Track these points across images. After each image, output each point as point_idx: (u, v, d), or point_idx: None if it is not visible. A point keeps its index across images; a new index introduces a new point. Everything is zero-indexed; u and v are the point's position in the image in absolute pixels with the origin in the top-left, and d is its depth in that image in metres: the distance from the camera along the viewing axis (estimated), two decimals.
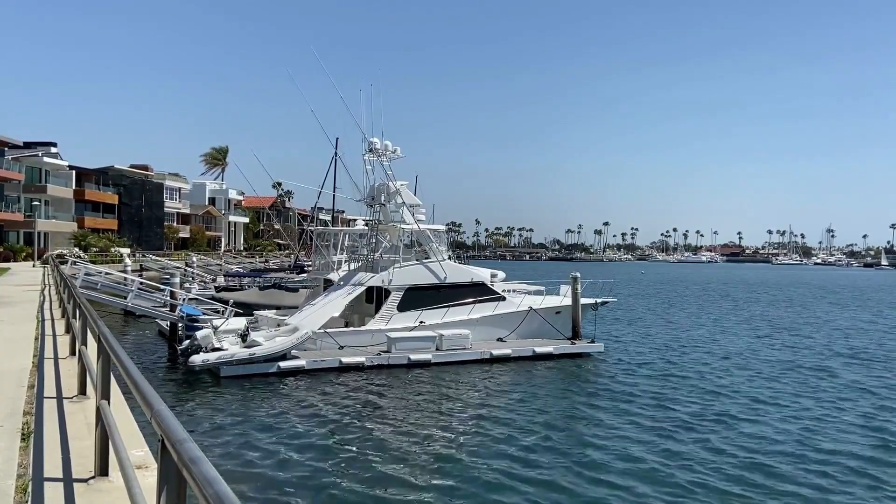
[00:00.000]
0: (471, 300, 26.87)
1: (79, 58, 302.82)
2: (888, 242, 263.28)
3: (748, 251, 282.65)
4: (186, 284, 40.25)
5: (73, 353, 9.17)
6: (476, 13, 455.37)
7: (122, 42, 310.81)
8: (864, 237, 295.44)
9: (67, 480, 4.55)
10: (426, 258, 27.58)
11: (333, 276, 29.25)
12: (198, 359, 20.61)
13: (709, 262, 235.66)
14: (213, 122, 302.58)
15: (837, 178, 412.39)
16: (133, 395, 3.19)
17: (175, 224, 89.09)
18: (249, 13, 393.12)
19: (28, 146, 64.62)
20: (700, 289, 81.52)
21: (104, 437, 4.40)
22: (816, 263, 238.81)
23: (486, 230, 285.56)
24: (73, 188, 68.83)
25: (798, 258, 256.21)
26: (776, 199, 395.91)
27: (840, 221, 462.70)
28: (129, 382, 3.30)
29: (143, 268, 52.17)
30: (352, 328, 25.54)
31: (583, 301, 28.37)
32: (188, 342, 21.41)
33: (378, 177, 28.39)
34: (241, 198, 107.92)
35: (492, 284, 28.49)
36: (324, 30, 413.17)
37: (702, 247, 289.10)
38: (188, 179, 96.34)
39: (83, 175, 72.08)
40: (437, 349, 24.29)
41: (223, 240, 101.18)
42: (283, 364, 21.75)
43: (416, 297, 25.97)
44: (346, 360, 22.72)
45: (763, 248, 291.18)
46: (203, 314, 24.83)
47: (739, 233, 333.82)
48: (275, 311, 28.62)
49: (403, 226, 28.50)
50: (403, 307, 25.75)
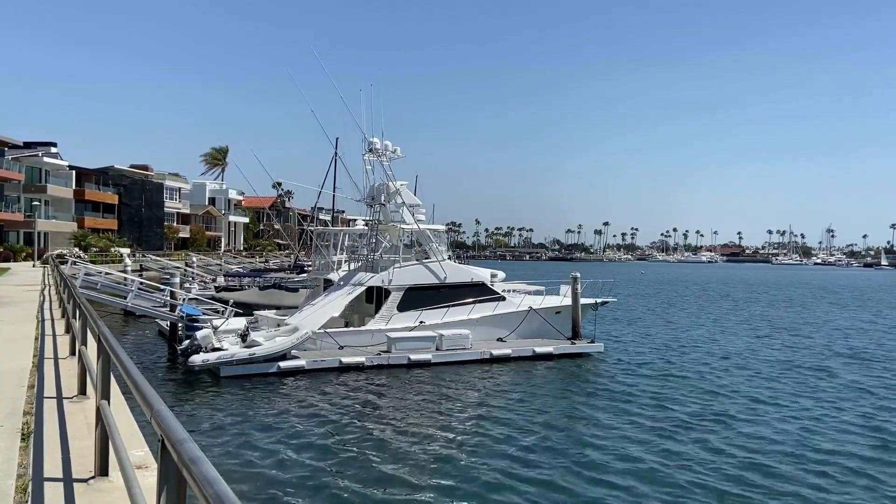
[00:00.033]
0: (471, 300, 26.88)
1: (79, 58, 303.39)
2: (888, 242, 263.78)
3: (748, 251, 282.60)
4: (186, 284, 40.26)
5: (73, 353, 9.17)
6: (476, 13, 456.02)
7: (122, 42, 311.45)
8: (864, 237, 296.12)
9: (67, 480, 4.55)
10: (426, 258, 27.59)
11: (333, 276, 29.25)
12: (198, 359, 20.63)
13: (709, 262, 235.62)
14: (213, 122, 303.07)
15: (837, 178, 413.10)
16: (133, 395, 3.20)
17: (175, 224, 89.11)
18: (249, 13, 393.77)
19: (28, 146, 64.65)
20: (700, 289, 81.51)
21: (104, 437, 4.40)
22: (816, 263, 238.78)
23: (486, 230, 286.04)
24: (73, 188, 68.85)
25: (798, 258, 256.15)
26: (776, 199, 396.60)
27: (840, 221, 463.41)
28: (129, 382, 3.31)
29: (143, 268, 52.16)
30: (352, 328, 25.55)
31: (583, 301, 28.38)
32: (188, 342, 21.43)
33: (378, 177, 28.46)
34: (241, 198, 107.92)
35: (492, 284, 28.49)
36: (324, 30, 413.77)
37: (702, 247, 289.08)
38: (188, 179, 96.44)
39: (83, 175, 72.10)
40: (437, 349, 24.30)
41: (223, 240, 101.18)
42: (283, 364, 21.77)
43: (416, 297, 25.98)
44: (346, 360, 22.74)
45: (763, 248, 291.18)
46: (203, 314, 24.84)
47: (739, 233, 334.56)
48: (275, 311, 28.63)
49: (403, 226, 28.50)
50: (403, 307, 25.77)
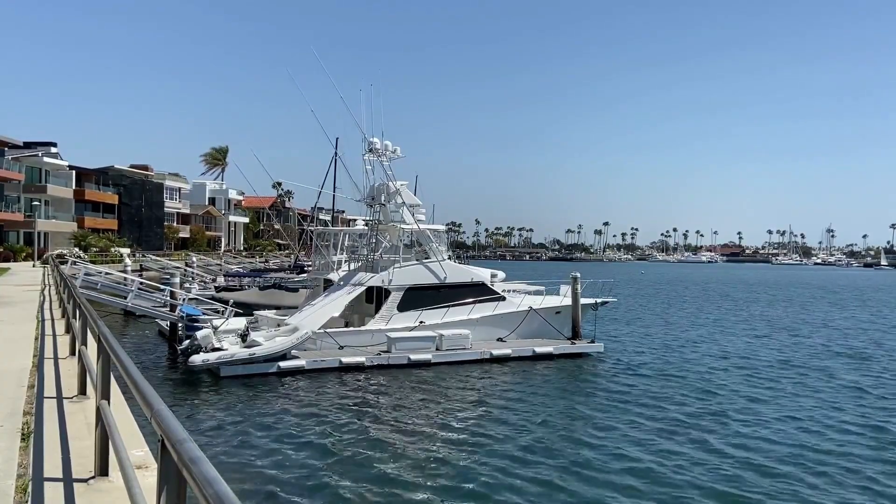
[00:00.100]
0: (471, 300, 26.88)
1: (79, 58, 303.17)
2: (888, 242, 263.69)
3: (748, 251, 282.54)
4: (186, 284, 40.26)
5: (73, 353, 9.17)
6: (476, 13, 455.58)
7: (122, 42, 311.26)
8: (864, 237, 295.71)
9: (67, 480, 4.56)
10: (426, 258, 27.59)
11: (333, 276, 29.24)
12: (198, 359, 20.63)
13: (709, 262, 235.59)
14: (213, 122, 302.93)
15: (837, 178, 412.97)
16: (133, 395, 3.20)
17: (175, 224, 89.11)
18: (249, 13, 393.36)
19: (28, 146, 64.66)
20: (700, 289, 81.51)
21: (104, 437, 4.41)
22: (816, 263, 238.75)
23: (486, 230, 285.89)
24: (73, 188, 68.85)
25: (798, 258, 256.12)
26: (776, 199, 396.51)
27: (840, 221, 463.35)
28: (129, 382, 3.31)
29: (143, 268, 52.16)
30: (352, 328, 25.55)
31: (583, 301, 28.39)
32: (188, 342, 21.43)
33: (378, 177, 28.46)
34: (241, 198, 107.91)
35: (492, 284, 28.49)
36: (324, 30, 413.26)
37: (702, 247, 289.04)
38: (188, 179, 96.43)
39: (83, 175, 72.10)
40: (437, 349, 24.30)
41: (223, 240, 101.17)
42: (283, 364, 21.77)
43: (416, 297, 25.98)
44: (346, 360, 22.74)
45: (763, 248, 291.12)
46: (203, 314, 24.85)
47: (739, 233, 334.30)
48: (275, 311, 28.62)
49: (403, 226, 28.50)
50: (403, 307, 25.77)
